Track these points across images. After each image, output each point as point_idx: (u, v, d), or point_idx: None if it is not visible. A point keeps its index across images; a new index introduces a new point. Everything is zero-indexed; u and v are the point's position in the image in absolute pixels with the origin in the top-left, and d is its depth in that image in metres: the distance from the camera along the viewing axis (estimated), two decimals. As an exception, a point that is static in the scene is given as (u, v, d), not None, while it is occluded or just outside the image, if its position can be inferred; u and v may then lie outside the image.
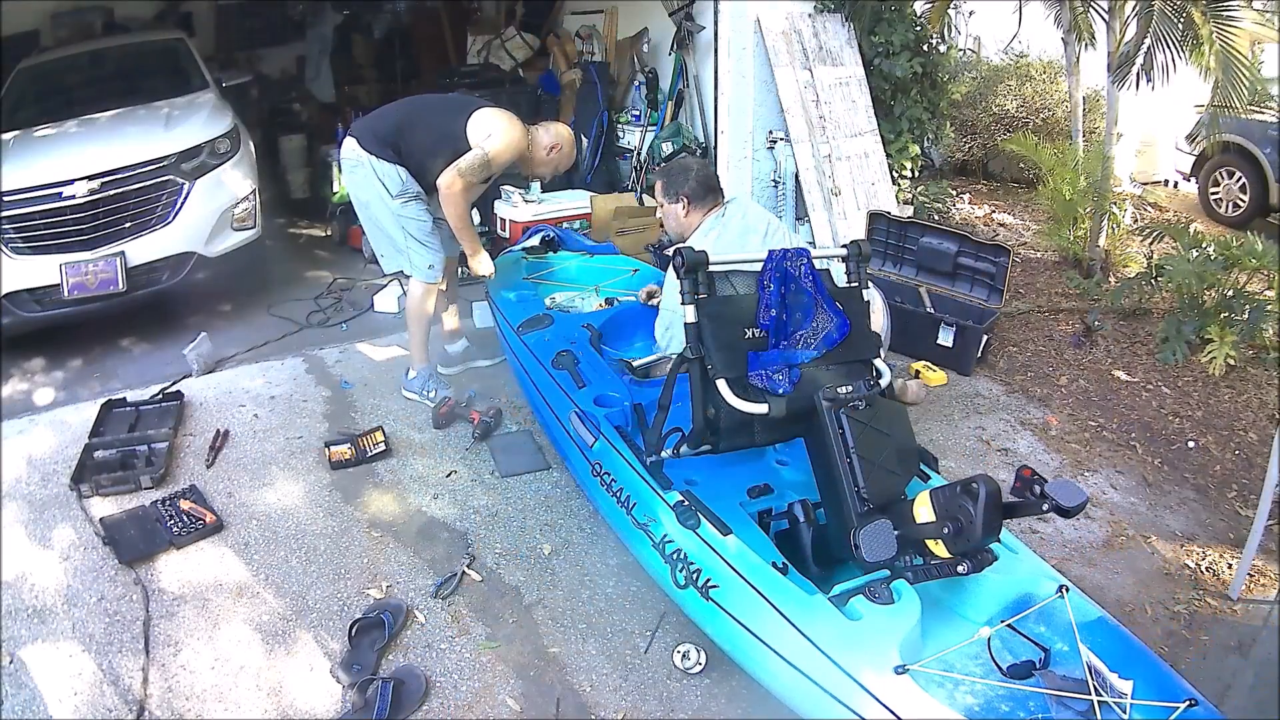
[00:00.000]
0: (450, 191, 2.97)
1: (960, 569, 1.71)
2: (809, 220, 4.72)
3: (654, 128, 5.42)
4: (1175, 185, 7.40)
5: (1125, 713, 1.52)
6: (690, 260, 1.96)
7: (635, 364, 2.68)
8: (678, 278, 1.98)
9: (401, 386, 3.38)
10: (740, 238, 2.51)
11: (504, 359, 3.48)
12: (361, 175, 3.07)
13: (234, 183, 4.16)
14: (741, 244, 2.48)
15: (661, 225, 2.93)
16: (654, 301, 2.91)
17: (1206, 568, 2.58)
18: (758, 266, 2.05)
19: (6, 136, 4.09)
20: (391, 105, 3.19)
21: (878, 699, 1.53)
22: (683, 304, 1.97)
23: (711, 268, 2.01)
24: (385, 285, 4.45)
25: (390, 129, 3.05)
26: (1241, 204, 6.48)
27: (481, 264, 3.23)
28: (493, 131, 2.96)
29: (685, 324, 1.97)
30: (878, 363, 2.14)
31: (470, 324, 3.81)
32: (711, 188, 2.63)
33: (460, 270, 3.61)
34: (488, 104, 3.09)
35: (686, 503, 2.01)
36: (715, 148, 5.01)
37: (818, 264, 2.10)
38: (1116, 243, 4.96)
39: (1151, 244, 4.49)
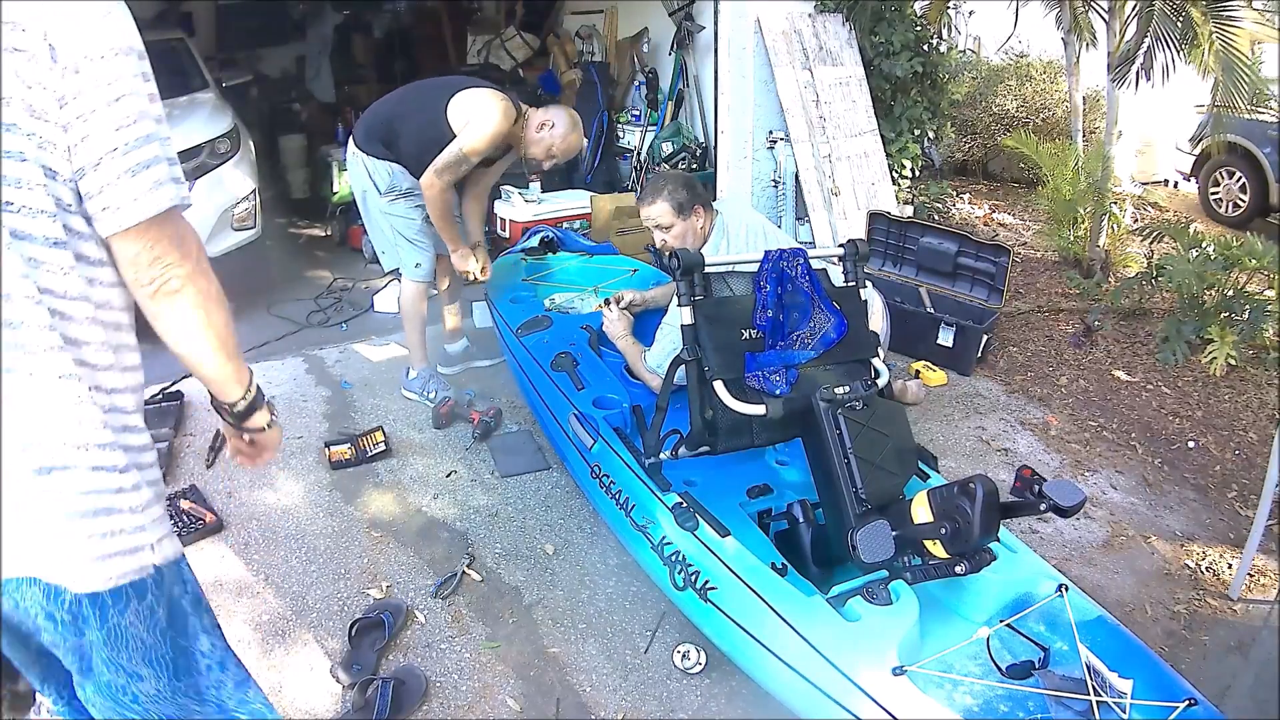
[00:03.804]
0: (430, 193, 2.90)
1: (958, 569, 1.71)
2: (809, 220, 4.72)
3: (654, 128, 5.42)
4: (1175, 185, 7.40)
5: (1125, 712, 1.52)
6: (686, 262, 1.96)
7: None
8: (675, 279, 1.98)
9: (401, 386, 3.39)
10: (745, 244, 2.49)
11: (504, 359, 3.48)
12: (356, 172, 3.07)
13: (234, 183, 4.16)
14: (747, 249, 2.46)
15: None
16: (624, 305, 2.84)
17: (1206, 568, 2.58)
18: (754, 267, 2.05)
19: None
20: (384, 98, 3.12)
21: (876, 700, 1.53)
22: (679, 305, 1.97)
23: (708, 269, 2.01)
24: (385, 285, 4.45)
25: (381, 123, 3.00)
26: (1241, 204, 6.48)
27: (461, 259, 3.13)
28: (469, 120, 2.82)
29: (682, 326, 1.97)
30: (876, 362, 2.14)
31: (470, 324, 3.81)
32: (703, 188, 2.59)
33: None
34: (474, 84, 2.95)
35: (685, 504, 2.01)
36: (715, 148, 5.01)
37: (815, 264, 2.10)
38: (1116, 243, 4.96)
39: (1151, 244, 4.49)
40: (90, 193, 0.92)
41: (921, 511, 1.70)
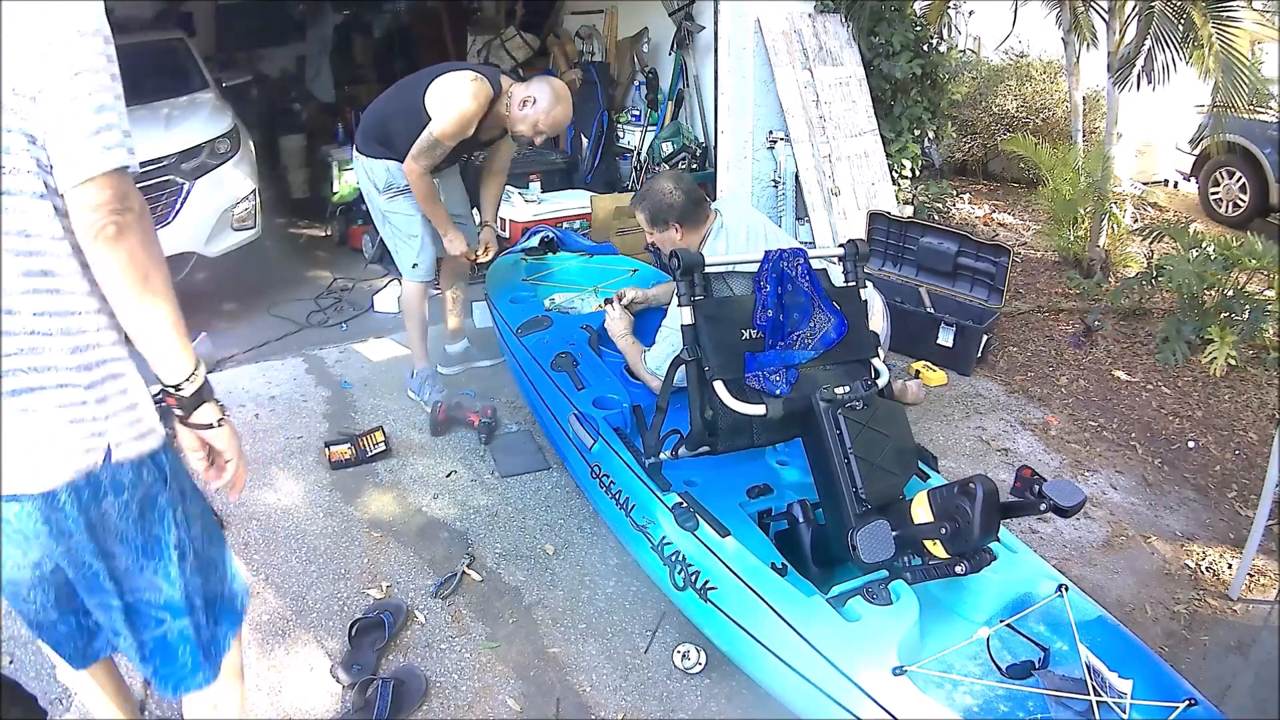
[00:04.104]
0: (410, 178, 2.89)
1: (958, 569, 1.71)
2: (809, 220, 4.72)
3: (654, 128, 5.42)
4: (1175, 185, 7.41)
5: (1125, 712, 1.52)
6: (686, 262, 1.96)
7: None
8: (674, 279, 1.98)
9: (405, 385, 3.39)
10: (746, 244, 2.49)
11: (504, 359, 3.48)
12: (360, 176, 3.09)
13: (234, 183, 4.17)
14: (748, 248, 2.45)
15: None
16: (626, 303, 2.83)
17: (1206, 568, 2.58)
18: (754, 267, 2.05)
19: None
20: (379, 98, 3.12)
21: (876, 700, 1.53)
22: (679, 306, 1.97)
23: (709, 269, 2.01)
24: (385, 285, 4.45)
25: (375, 122, 3.00)
26: (1241, 204, 6.48)
27: (454, 244, 3.09)
28: (439, 107, 2.80)
29: (682, 326, 1.97)
30: (876, 362, 2.14)
31: (470, 324, 3.81)
32: (698, 200, 2.51)
33: (472, 268, 3.59)
34: (453, 68, 2.90)
35: (685, 504, 2.01)
36: (715, 148, 5.01)
37: (815, 264, 2.10)
38: (1116, 243, 4.96)
39: (1151, 244, 4.49)
40: (52, 153, 1.08)
41: (921, 511, 1.71)
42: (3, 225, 1.07)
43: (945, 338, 3.76)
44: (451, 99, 2.80)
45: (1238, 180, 6.48)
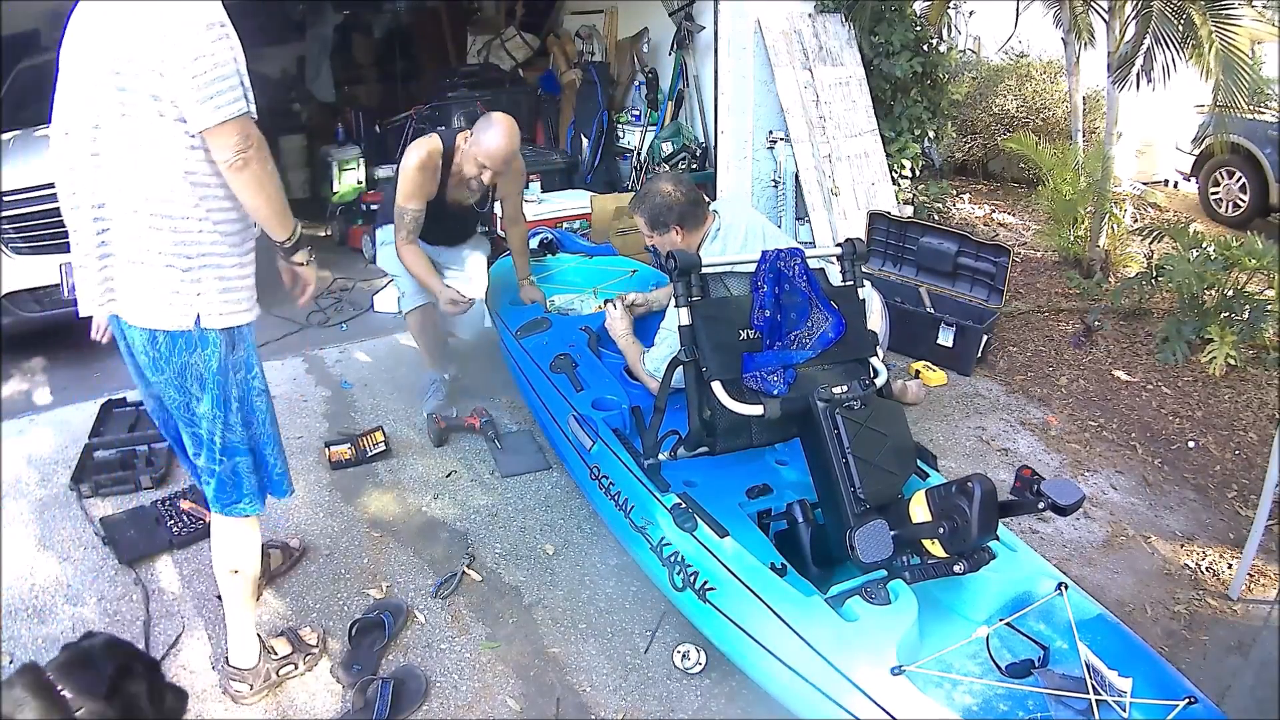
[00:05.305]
0: (400, 254, 2.96)
1: (957, 568, 1.71)
2: (809, 220, 4.72)
3: (654, 128, 5.42)
4: (1175, 185, 7.40)
5: (1124, 711, 1.52)
6: (683, 263, 1.96)
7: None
8: (672, 281, 1.98)
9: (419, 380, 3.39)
10: (744, 244, 2.49)
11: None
12: None
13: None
14: (746, 249, 2.45)
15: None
16: (628, 304, 2.81)
17: (1206, 568, 2.58)
18: (752, 267, 2.05)
19: (6, 136, 4.09)
20: None
21: (874, 700, 1.53)
22: (676, 307, 1.97)
23: (705, 269, 2.01)
24: (385, 285, 4.45)
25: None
26: (1241, 204, 6.48)
27: (443, 299, 2.95)
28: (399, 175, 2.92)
29: (680, 326, 1.97)
30: (874, 362, 2.14)
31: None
32: (697, 201, 2.49)
33: None
34: (428, 134, 2.96)
35: (684, 505, 2.01)
36: (715, 148, 5.01)
37: (813, 263, 2.10)
38: (1116, 243, 4.96)
39: (1151, 244, 4.49)
40: (183, 110, 1.55)
41: (920, 511, 1.71)
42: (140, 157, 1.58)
43: (945, 338, 3.76)
44: (403, 177, 2.89)
45: (1238, 180, 6.48)
